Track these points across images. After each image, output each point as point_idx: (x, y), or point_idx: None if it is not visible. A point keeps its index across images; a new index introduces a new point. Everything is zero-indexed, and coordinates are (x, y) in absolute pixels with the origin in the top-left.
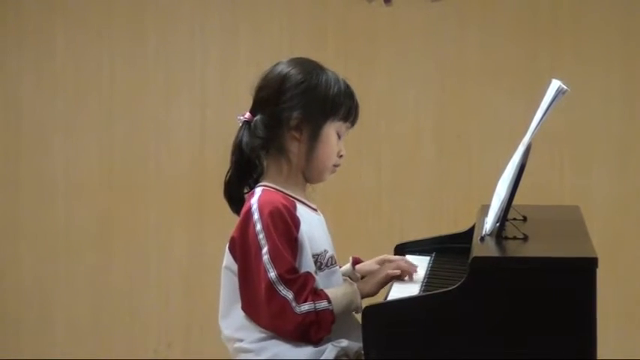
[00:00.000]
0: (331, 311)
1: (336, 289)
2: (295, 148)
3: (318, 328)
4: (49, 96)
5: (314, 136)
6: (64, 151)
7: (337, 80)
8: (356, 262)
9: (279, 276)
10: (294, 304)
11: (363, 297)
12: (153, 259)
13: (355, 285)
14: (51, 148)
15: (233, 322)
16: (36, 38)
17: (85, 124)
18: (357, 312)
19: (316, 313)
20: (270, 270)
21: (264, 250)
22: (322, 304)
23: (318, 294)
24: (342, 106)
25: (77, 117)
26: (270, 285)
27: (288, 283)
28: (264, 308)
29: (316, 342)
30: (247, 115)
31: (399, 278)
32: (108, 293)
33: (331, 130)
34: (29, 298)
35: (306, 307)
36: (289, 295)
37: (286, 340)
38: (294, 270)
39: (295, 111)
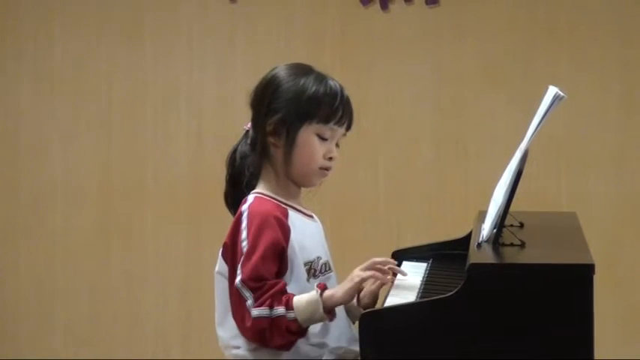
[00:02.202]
0: (289, 319)
1: (302, 296)
2: (276, 153)
3: (271, 335)
4: (47, 103)
5: (290, 141)
6: (62, 158)
7: (319, 82)
8: None
9: (243, 281)
10: (251, 308)
11: (336, 305)
12: (151, 265)
13: (318, 294)
14: (49, 154)
15: (229, 329)
16: (34, 45)
17: (83, 131)
18: (321, 321)
19: (270, 319)
20: (239, 274)
21: (244, 256)
22: (278, 311)
23: (278, 300)
24: (320, 108)
25: (75, 123)
26: (236, 290)
27: (251, 289)
28: (234, 313)
29: (276, 348)
30: (249, 124)
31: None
32: (106, 298)
33: (309, 133)
34: (28, 303)
35: (257, 311)
36: (249, 299)
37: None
38: (261, 278)
39: (271, 116)
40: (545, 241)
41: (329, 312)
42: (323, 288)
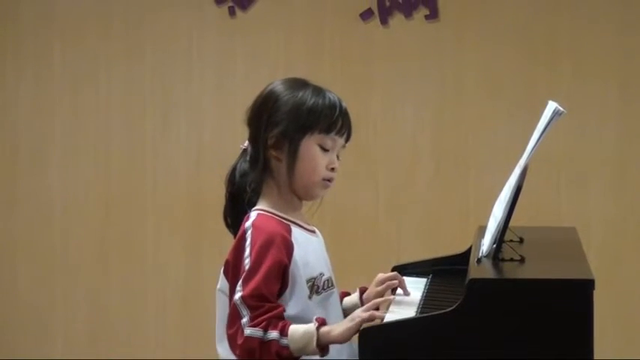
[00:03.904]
0: (281, 345)
1: (300, 326)
2: (278, 167)
3: (261, 356)
4: (46, 116)
5: (292, 153)
6: (61, 172)
7: (318, 94)
8: (363, 292)
9: (243, 298)
10: (245, 326)
11: (332, 342)
12: (150, 280)
13: (314, 327)
14: (48, 168)
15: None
16: (33, 59)
17: (82, 145)
18: (313, 355)
19: (261, 341)
20: (239, 291)
21: (246, 273)
22: (272, 335)
23: (274, 324)
24: (320, 119)
25: (74, 138)
26: (234, 306)
27: (249, 307)
28: (228, 328)
29: None
30: (246, 143)
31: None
32: (105, 313)
33: (311, 144)
34: (26, 319)
35: (250, 330)
36: (245, 317)
37: None
38: (262, 297)
39: (272, 130)
40: (544, 256)
41: (323, 348)
42: (321, 323)
